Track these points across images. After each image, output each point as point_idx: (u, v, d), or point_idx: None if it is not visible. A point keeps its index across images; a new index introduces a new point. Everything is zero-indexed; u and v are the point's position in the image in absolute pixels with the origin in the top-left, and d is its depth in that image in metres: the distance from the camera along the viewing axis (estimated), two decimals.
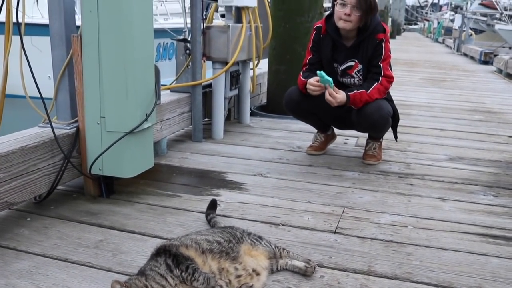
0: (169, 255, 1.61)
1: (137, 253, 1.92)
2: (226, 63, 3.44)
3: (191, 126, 3.50)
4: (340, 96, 2.73)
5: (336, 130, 3.34)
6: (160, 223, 2.18)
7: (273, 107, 4.33)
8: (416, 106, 5.31)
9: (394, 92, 3.52)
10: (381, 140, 3.13)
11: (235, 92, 3.79)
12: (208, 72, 3.70)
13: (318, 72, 2.72)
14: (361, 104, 2.81)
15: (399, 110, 3.18)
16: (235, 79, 3.65)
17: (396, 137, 3.18)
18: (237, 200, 2.46)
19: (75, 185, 2.54)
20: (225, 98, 3.52)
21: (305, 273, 1.79)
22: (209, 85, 3.57)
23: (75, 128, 2.32)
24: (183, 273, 1.54)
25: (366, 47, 2.85)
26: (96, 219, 2.19)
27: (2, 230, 2.05)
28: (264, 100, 4.77)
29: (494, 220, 2.34)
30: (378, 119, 2.85)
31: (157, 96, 2.81)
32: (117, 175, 2.32)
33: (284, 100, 3.07)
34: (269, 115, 4.27)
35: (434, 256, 1.99)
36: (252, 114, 4.24)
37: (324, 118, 3.11)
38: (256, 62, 3.89)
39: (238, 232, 1.84)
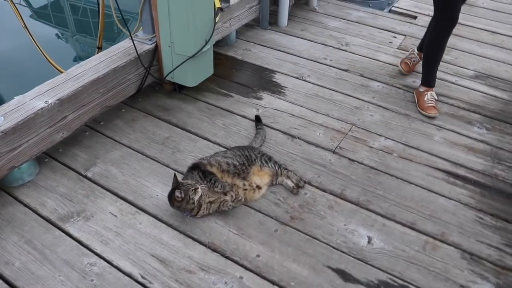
0: (200, 170, 2.24)
1: (189, 152, 2.54)
2: None
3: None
4: None
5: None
6: (210, 125, 2.75)
7: None
8: None
9: None
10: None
11: None
12: None
13: None
14: None
15: None
16: None
17: None
18: (272, 106, 2.91)
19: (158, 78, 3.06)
20: None
21: (292, 191, 2.35)
22: None
23: (154, 44, 2.81)
24: (208, 183, 2.19)
25: None
26: (167, 115, 2.81)
27: (107, 120, 2.75)
28: None
29: (468, 158, 2.56)
30: None
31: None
32: (183, 84, 2.86)
33: None
34: None
35: (397, 188, 2.34)
36: None
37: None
38: None
39: (254, 155, 2.38)
